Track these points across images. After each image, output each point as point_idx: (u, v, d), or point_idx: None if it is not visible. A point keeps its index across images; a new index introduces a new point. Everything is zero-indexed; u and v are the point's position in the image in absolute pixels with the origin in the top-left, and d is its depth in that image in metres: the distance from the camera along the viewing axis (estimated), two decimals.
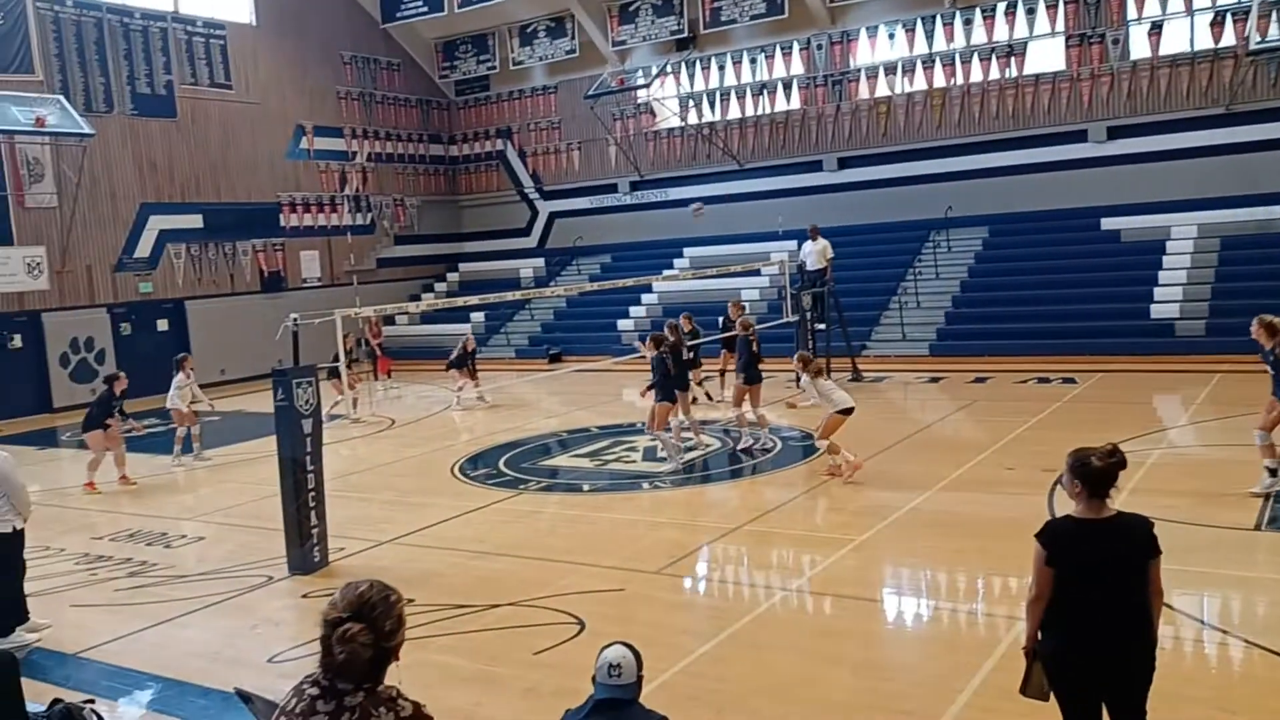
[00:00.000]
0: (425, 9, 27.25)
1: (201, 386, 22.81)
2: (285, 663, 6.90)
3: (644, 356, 13.62)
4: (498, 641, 7.08)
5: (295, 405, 8.82)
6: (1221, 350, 16.63)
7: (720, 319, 17.77)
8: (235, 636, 7.53)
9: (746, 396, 13.07)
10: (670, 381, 12.16)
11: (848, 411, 11.15)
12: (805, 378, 11.54)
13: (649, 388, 12.99)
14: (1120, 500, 4.23)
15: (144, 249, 23.08)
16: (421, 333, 27.72)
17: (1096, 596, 4.06)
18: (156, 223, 23.26)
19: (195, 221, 24.03)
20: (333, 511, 9.42)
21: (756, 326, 13.86)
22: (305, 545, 8.88)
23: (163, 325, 23.45)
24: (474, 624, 7.40)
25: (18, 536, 7.63)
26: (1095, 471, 4.10)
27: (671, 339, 13.19)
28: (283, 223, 26.10)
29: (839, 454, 11.01)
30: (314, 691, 2.85)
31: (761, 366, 13.30)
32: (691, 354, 14.88)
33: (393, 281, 28.80)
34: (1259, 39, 19.68)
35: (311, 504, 8.92)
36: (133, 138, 22.87)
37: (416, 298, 27.76)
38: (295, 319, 9.60)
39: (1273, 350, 9.18)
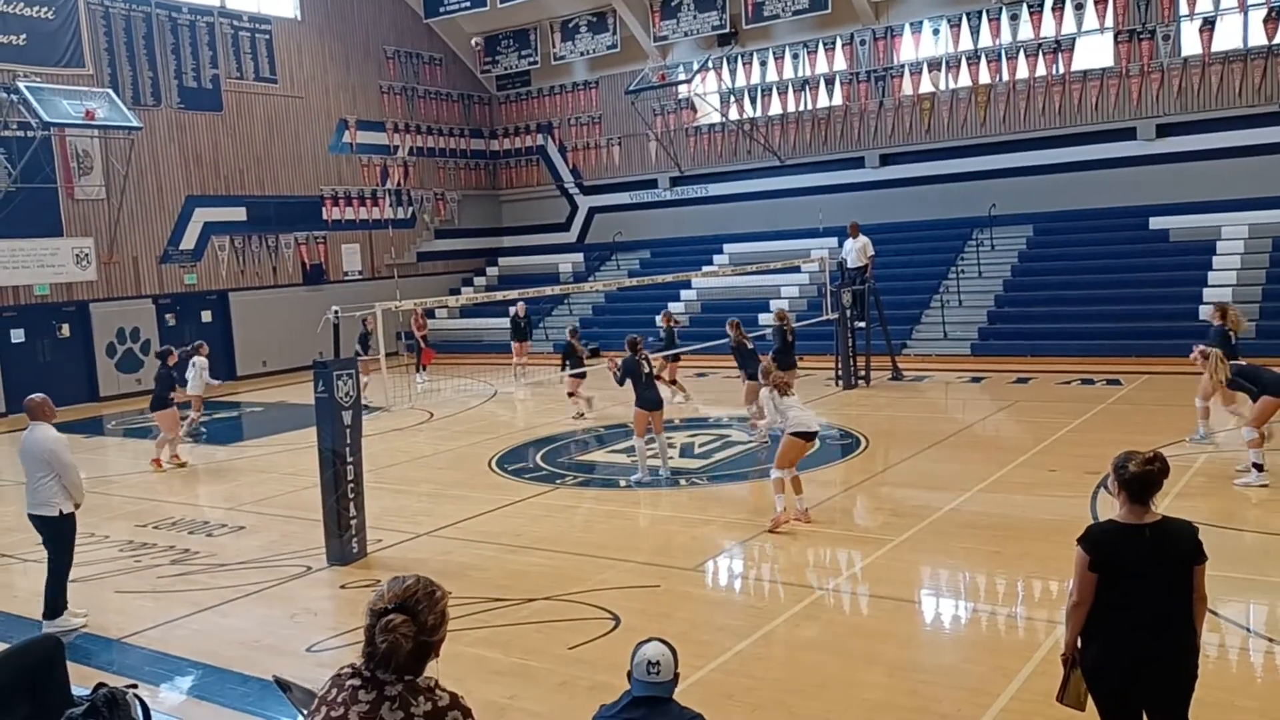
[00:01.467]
0: (468, 4, 27.35)
1: (244, 377, 23.40)
2: (323, 652, 6.98)
3: (734, 346, 13.80)
4: (533, 635, 7.10)
5: (335, 397, 8.90)
6: (1272, 353, 16.23)
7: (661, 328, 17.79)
8: (274, 625, 7.62)
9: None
10: (644, 387, 11.56)
11: (807, 436, 9.44)
12: (764, 392, 9.76)
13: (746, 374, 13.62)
14: (1165, 505, 4.15)
15: (189, 241, 23.42)
16: (461, 327, 27.88)
17: (1139, 602, 3.99)
18: (201, 215, 23.60)
19: (239, 214, 24.36)
20: (371, 503, 9.50)
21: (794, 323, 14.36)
22: (344, 536, 8.97)
23: (206, 316, 23.79)
24: (509, 618, 7.43)
25: (65, 520, 7.75)
26: (1131, 477, 4.03)
27: (732, 334, 13.37)
28: (325, 216, 26.37)
29: (785, 493, 9.44)
30: (355, 682, 2.89)
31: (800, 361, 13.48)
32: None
33: (432, 275, 29.00)
34: None
35: (350, 495, 9.00)
36: (179, 131, 23.20)
37: (456, 291, 27.95)
38: (336, 311, 9.67)
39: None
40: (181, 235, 23.26)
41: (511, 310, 21.19)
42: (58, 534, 7.74)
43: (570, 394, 16.13)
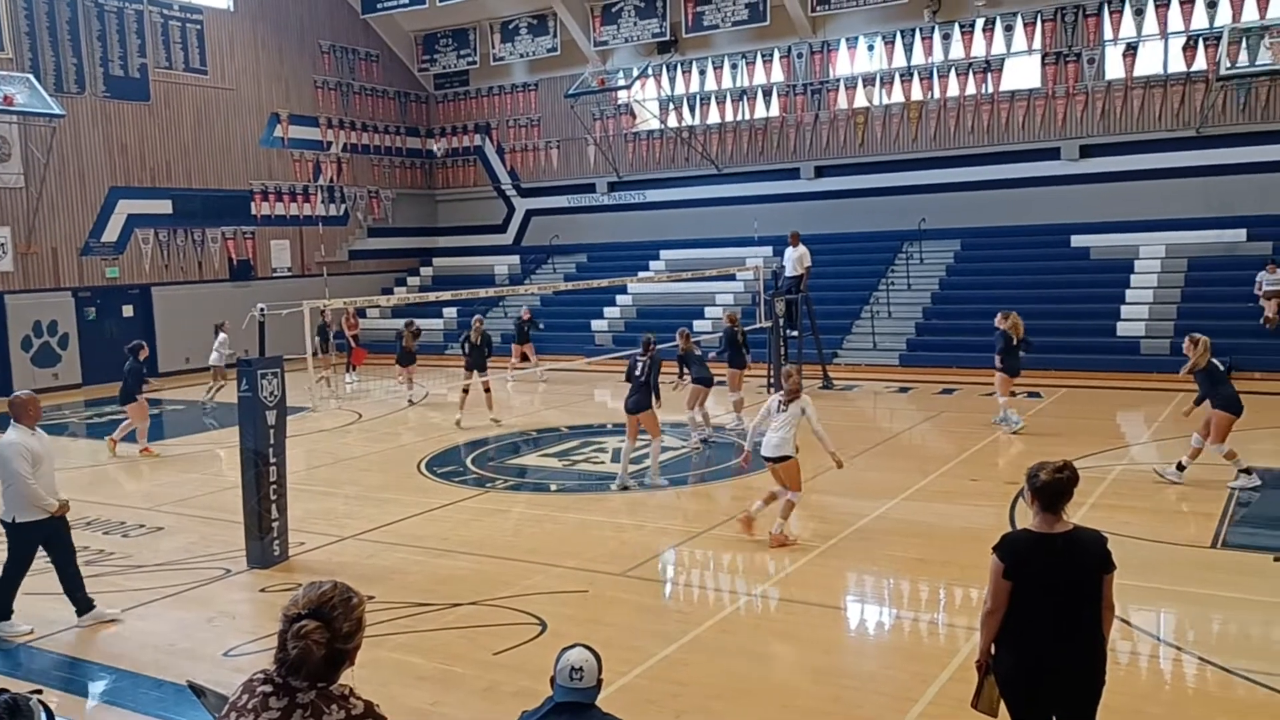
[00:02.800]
0: (406, 1, 27.07)
1: (166, 374, 22.82)
2: (241, 657, 6.83)
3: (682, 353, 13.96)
4: (458, 641, 7.03)
5: (259, 396, 8.73)
6: None
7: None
8: (191, 629, 7.44)
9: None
10: (630, 390, 11.54)
11: (764, 458, 9.21)
12: (774, 397, 9.83)
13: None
14: (1079, 515, 4.27)
15: (111, 233, 22.78)
16: (393, 327, 27.47)
17: (1049, 610, 4.09)
18: (125, 207, 22.97)
19: (165, 207, 23.76)
20: (294, 505, 9.34)
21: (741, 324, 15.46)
22: (265, 539, 8.79)
23: (128, 311, 23.16)
24: (434, 623, 7.35)
25: (16, 529, 7.32)
26: (1042, 485, 4.14)
27: (680, 344, 13.50)
28: (254, 211, 25.86)
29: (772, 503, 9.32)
30: (266, 689, 2.82)
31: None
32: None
33: (364, 274, 28.60)
34: (1229, 64, 19.96)
35: (273, 497, 8.83)
36: (104, 120, 22.57)
37: (389, 291, 27.60)
38: (262, 309, 9.50)
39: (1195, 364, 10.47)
40: (104, 227, 22.61)
41: (516, 315, 22.21)
42: (8, 540, 7.42)
43: (404, 380, 18.30)
